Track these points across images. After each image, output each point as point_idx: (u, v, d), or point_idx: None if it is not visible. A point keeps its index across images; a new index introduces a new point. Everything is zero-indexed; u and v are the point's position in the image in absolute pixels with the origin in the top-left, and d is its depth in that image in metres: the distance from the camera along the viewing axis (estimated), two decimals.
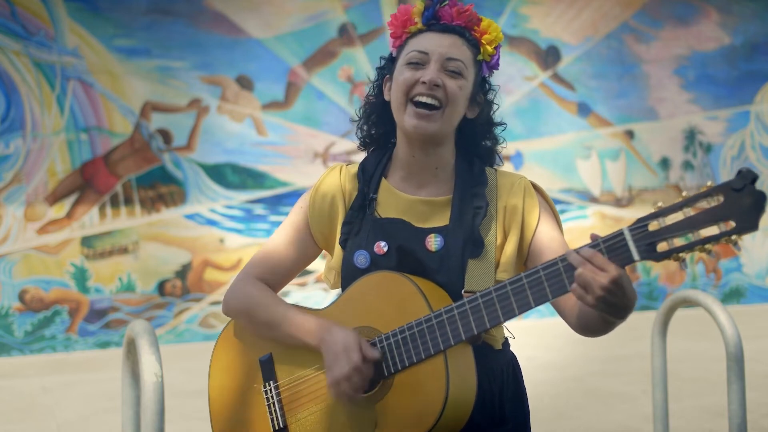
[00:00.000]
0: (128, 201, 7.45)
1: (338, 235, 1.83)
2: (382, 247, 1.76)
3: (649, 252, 1.46)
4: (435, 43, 1.77)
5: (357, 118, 1.92)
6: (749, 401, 3.28)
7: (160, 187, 7.54)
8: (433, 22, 1.80)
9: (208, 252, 7.65)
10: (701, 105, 9.13)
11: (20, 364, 6.71)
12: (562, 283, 1.54)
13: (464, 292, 1.71)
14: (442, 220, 1.78)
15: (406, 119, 1.76)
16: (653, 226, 1.45)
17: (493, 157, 1.89)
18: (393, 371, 1.67)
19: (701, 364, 5.85)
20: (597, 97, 8.82)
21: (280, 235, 1.90)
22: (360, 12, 8.02)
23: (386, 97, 1.84)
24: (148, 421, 1.88)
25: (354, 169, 1.88)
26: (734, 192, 1.41)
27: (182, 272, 7.57)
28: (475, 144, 1.86)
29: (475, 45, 1.83)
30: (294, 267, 1.91)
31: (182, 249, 7.58)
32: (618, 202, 8.86)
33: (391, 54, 1.87)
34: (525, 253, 1.81)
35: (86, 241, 7.34)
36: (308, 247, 1.89)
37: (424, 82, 1.74)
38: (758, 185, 1.40)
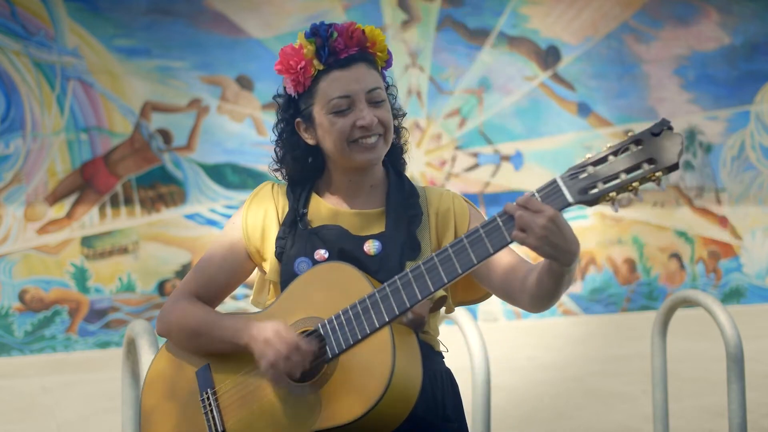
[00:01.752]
0: (128, 201, 7.45)
1: (271, 250, 1.84)
2: (322, 254, 1.78)
3: (582, 195, 1.55)
4: (350, 83, 1.78)
5: (274, 159, 1.93)
6: (749, 401, 3.28)
7: (160, 187, 7.54)
8: (332, 59, 1.80)
9: None
10: (701, 105, 9.13)
11: (20, 364, 6.71)
12: (501, 236, 1.59)
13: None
14: (378, 228, 1.82)
15: (355, 157, 1.80)
16: (584, 174, 1.55)
17: (401, 151, 1.95)
18: (337, 352, 1.66)
19: (701, 364, 5.85)
20: (597, 97, 8.82)
21: (214, 251, 1.90)
22: (360, 12, 8.02)
23: (310, 142, 1.86)
24: None
25: (283, 187, 1.91)
26: (653, 136, 1.56)
27: (182, 272, 7.57)
28: (392, 148, 1.90)
29: (373, 61, 1.84)
30: (228, 283, 1.91)
31: (182, 249, 7.58)
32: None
33: (291, 96, 1.89)
34: None
35: (86, 241, 7.34)
36: (242, 262, 1.89)
37: (362, 127, 1.77)
38: (675, 131, 1.60)
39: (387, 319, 1.63)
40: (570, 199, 1.55)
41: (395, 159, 1.94)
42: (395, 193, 1.86)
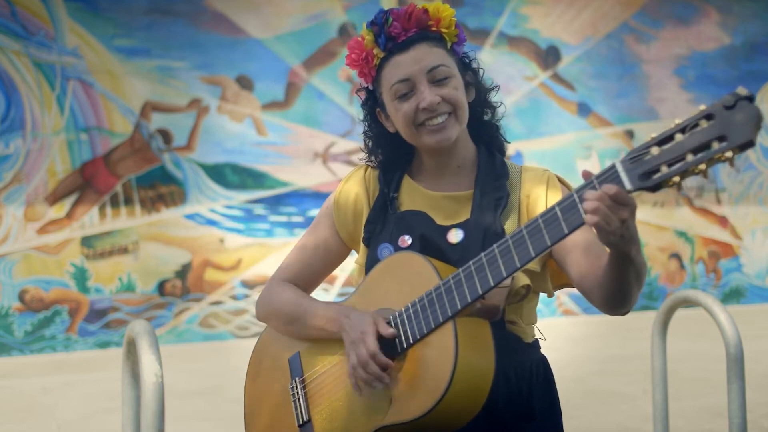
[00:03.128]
0: (128, 201, 7.45)
1: (362, 234, 1.83)
2: (406, 240, 1.76)
3: (643, 180, 1.40)
4: (408, 65, 1.74)
5: (365, 149, 1.91)
6: (749, 401, 3.28)
7: (160, 187, 7.54)
8: (391, 44, 1.76)
9: (208, 252, 7.65)
10: (701, 105, 9.13)
11: (20, 364, 6.71)
12: (578, 215, 1.45)
13: None
14: (465, 214, 1.78)
15: (425, 140, 1.76)
16: (647, 157, 1.39)
17: (500, 141, 1.88)
18: (405, 347, 1.64)
19: (701, 364, 5.85)
20: (597, 97, 8.82)
21: (308, 237, 1.92)
22: (360, 12, 8.02)
23: (390, 130, 1.83)
24: (148, 421, 1.88)
25: (376, 171, 1.88)
26: (726, 110, 1.35)
27: (182, 272, 7.57)
28: (482, 123, 1.85)
29: (440, 38, 1.80)
30: (323, 268, 1.92)
31: (182, 249, 7.58)
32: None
33: (368, 87, 1.84)
34: None
35: (86, 241, 7.34)
36: (336, 247, 1.90)
37: (424, 108, 1.73)
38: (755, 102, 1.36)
39: (450, 313, 1.58)
40: (629, 185, 1.41)
41: (490, 137, 1.86)
42: (485, 174, 1.80)
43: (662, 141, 1.38)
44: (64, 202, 7.29)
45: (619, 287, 1.61)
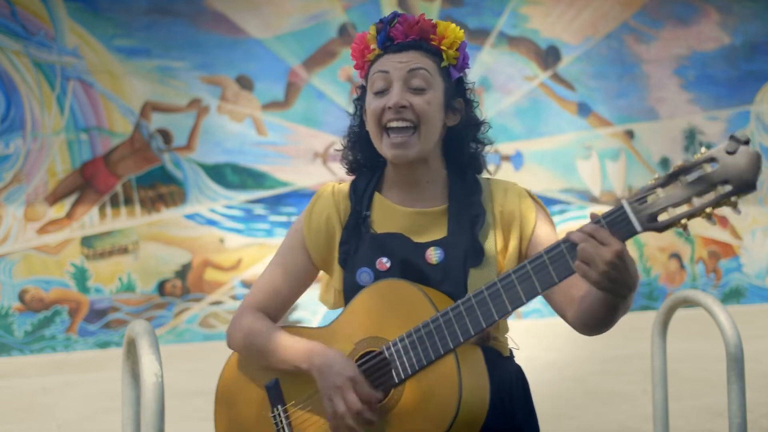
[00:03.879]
0: (128, 201, 7.45)
1: (336, 256, 1.80)
2: (384, 263, 1.73)
3: (651, 222, 1.45)
4: (394, 63, 1.74)
5: (342, 147, 1.90)
6: (749, 401, 3.28)
7: (160, 187, 7.54)
8: (388, 44, 1.77)
9: (208, 252, 7.66)
10: (701, 105, 9.13)
11: (20, 364, 6.71)
12: (566, 264, 1.52)
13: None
14: (440, 231, 1.77)
15: (384, 150, 1.75)
16: (652, 197, 1.44)
17: (479, 162, 1.87)
18: (403, 377, 1.63)
19: (701, 364, 5.85)
20: (597, 97, 8.82)
21: (277, 261, 1.87)
22: (360, 12, 8.02)
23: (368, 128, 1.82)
24: (148, 421, 1.88)
25: (346, 187, 1.85)
26: (728, 155, 1.39)
27: (182, 272, 7.57)
28: (461, 151, 1.84)
29: (436, 53, 1.77)
30: (294, 294, 1.88)
31: (182, 249, 7.59)
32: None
33: (363, 85, 1.85)
34: (524, 256, 1.79)
35: (86, 241, 7.34)
36: (307, 270, 1.86)
37: (389, 107, 1.71)
38: (751, 147, 1.42)
39: (452, 346, 1.60)
40: (638, 228, 1.46)
41: (457, 150, 1.84)
42: (457, 189, 1.80)
43: (666, 182, 1.42)
44: (64, 202, 7.29)
45: (605, 323, 1.64)
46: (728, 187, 1.38)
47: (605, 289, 1.50)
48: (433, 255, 1.73)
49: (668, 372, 3.41)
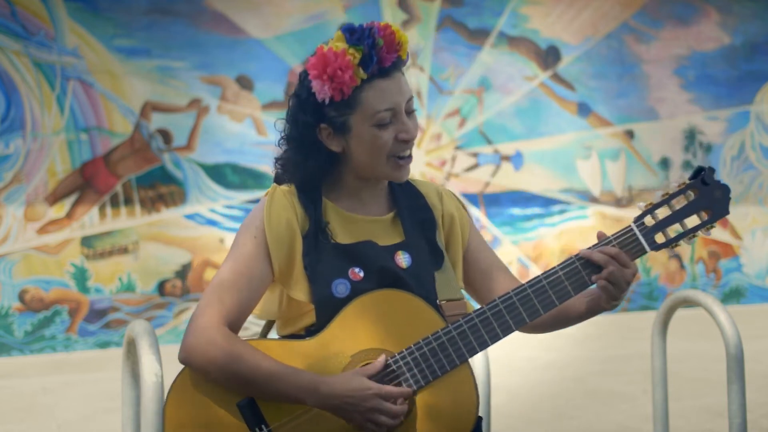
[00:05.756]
0: (128, 201, 7.45)
1: (297, 265, 1.71)
2: (357, 272, 1.69)
3: (653, 244, 1.69)
4: (394, 94, 1.70)
5: (282, 160, 1.83)
6: (749, 401, 3.28)
7: (160, 187, 7.54)
8: (376, 69, 1.69)
9: (208, 252, 7.66)
10: (701, 105, 9.13)
11: (20, 364, 6.71)
12: (582, 280, 1.68)
13: (440, 302, 1.71)
14: (397, 236, 1.76)
15: (388, 173, 1.73)
16: (648, 221, 1.69)
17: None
18: (415, 389, 1.63)
19: (701, 364, 5.85)
20: (597, 97, 8.82)
21: (237, 269, 1.71)
22: (360, 12, 8.02)
23: (335, 149, 1.74)
24: (148, 421, 1.88)
25: (293, 191, 1.77)
26: (705, 186, 1.68)
27: (182, 272, 7.57)
28: None
29: (403, 65, 1.76)
30: (252, 305, 1.74)
31: (182, 249, 7.59)
32: (618, 202, 8.86)
33: (321, 101, 1.73)
34: (465, 259, 1.86)
35: (86, 241, 7.34)
36: (268, 280, 1.73)
37: (404, 140, 1.70)
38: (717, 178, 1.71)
39: (468, 357, 1.66)
40: (647, 248, 1.69)
41: None
42: (400, 195, 1.81)
43: (658, 207, 1.68)
44: (64, 202, 7.29)
45: (570, 324, 1.84)
46: (710, 215, 1.68)
47: (612, 305, 1.69)
48: (402, 259, 1.73)
49: (668, 372, 3.41)
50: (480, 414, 1.69)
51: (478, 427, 1.73)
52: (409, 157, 1.74)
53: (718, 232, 9.18)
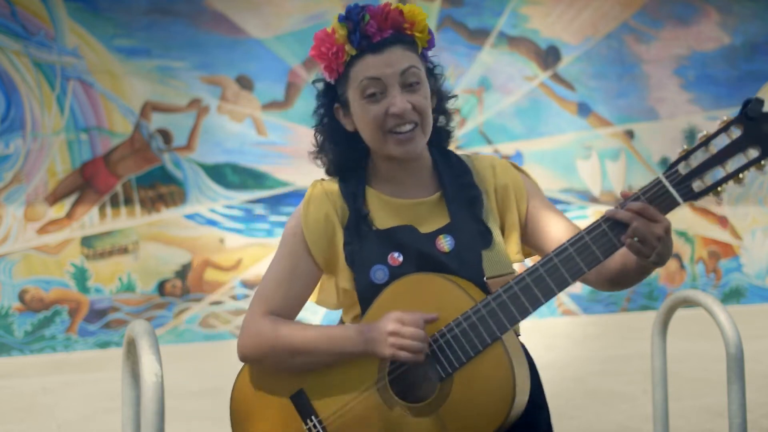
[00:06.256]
0: (128, 201, 7.45)
1: (340, 256, 1.74)
2: (396, 257, 1.70)
3: (687, 193, 1.51)
4: (381, 67, 1.68)
5: (315, 147, 1.87)
6: (749, 401, 3.28)
7: (160, 187, 7.54)
8: (365, 43, 1.69)
9: (208, 252, 7.65)
10: (701, 105, 9.13)
11: (20, 364, 6.71)
12: (611, 242, 1.55)
13: (487, 279, 1.69)
14: (442, 219, 1.75)
15: (390, 149, 1.71)
16: (683, 169, 1.51)
17: (450, 134, 1.88)
18: (450, 370, 1.61)
19: (701, 364, 5.85)
20: (597, 97, 8.82)
21: (279, 267, 1.78)
22: None
23: (349, 128, 1.78)
24: (148, 421, 1.88)
25: (335, 186, 1.81)
26: (750, 121, 1.48)
27: (182, 272, 7.57)
28: (437, 131, 1.83)
29: (412, 42, 1.72)
30: (303, 298, 1.80)
31: (182, 249, 7.59)
32: (618, 202, 8.86)
33: (330, 82, 1.78)
34: (524, 229, 1.80)
35: (86, 241, 7.34)
36: (314, 274, 1.78)
37: (394, 114, 1.68)
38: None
39: (499, 334, 1.58)
40: (680, 200, 1.52)
41: (441, 142, 1.85)
42: (446, 174, 1.78)
43: (697, 153, 1.50)
44: (64, 202, 7.30)
45: (632, 284, 1.70)
46: (756, 152, 1.47)
47: (653, 263, 1.55)
48: (444, 243, 1.71)
49: (668, 372, 3.40)
50: (539, 405, 1.70)
51: (538, 418, 1.73)
52: (410, 132, 1.69)
53: (718, 232, 9.18)
